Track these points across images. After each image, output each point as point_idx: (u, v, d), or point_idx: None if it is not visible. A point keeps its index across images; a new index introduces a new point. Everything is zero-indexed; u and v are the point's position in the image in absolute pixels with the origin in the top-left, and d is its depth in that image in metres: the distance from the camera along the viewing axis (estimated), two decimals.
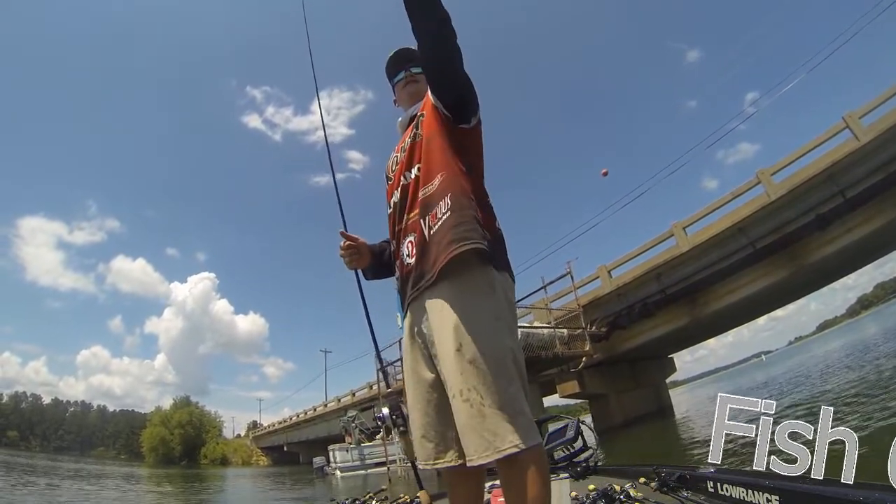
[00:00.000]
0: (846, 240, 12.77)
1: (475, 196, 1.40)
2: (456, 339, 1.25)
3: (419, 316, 1.40)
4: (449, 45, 1.35)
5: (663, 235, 15.72)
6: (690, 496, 2.17)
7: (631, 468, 3.07)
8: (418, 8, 1.32)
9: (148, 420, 70.89)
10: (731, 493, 1.94)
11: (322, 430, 35.18)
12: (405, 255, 1.44)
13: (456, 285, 1.30)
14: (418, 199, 1.41)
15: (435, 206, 1.35)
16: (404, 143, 1.57)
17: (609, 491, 2.34)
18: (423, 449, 1.41)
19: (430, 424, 1.39)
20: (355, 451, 24.65)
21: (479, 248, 1.29)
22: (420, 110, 1.55)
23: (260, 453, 59.95)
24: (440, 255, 1.30)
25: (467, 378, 1.21)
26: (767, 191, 13.60)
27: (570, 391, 17.40)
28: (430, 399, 1.39)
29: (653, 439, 14.07)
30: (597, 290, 17.33)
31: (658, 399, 20.53)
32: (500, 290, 1.34)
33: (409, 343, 1.46)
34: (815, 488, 1.50)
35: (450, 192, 1.35)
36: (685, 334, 18.01)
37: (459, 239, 1.28)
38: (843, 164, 12.53)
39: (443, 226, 1.32)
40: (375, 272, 1.73)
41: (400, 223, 1.48)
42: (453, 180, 1.37)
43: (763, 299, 16.23)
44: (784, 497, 1.65)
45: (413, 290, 1.40)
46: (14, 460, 33.81)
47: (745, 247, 14.11)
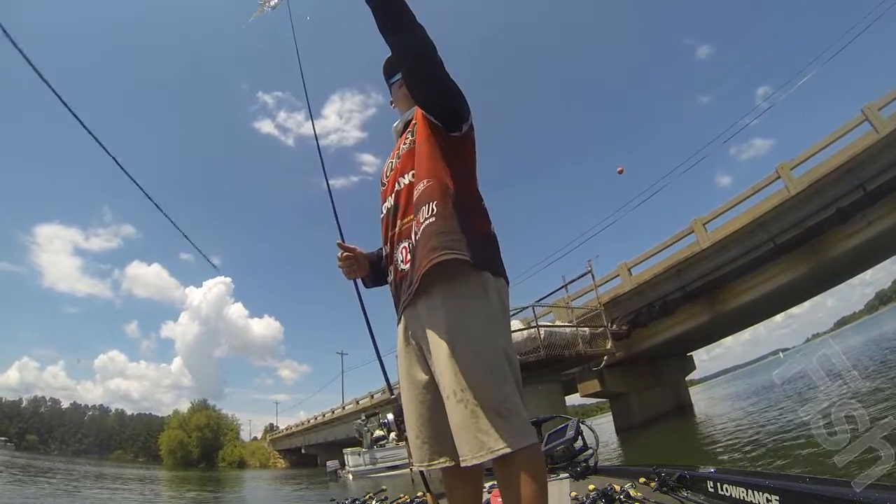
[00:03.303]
0: (867, 233, 12.63)
1: (464, 200, 1.40)
2: (450, 341, 1.26)
3: (413, 319, 1.42)
4: (426, 59, 1.33)
5: (683, 232, 15.63)
6: (690, 496, 2.18)
7: (631, 468, 3.08)
8: (389, 22, 1.30)
9: (166, 423, 71.81)
10: (730, 493, 1.95)
11: (340, 432, 35.34)
12: (399, 261, 1.45)
13: (449, 289, 1.32)
14: (412, 205, 1.42)
15: (419, 211, 1.37)
16: (399, 148, 1.57)
17: (609, 491, 2.36)
18: (419, 451, 1.43)
19: (424, 426, 1.41)
20: (367, 454, 24.76)
21: (460, 258, 1.29)
22: (414, 116, 1.56)
23: (277, 456, 60.32)
24: (423, 260, 1.32)
25: (461, 379, 1.22)
26: (787, 185, 13.51)
27: (591, 390, 17.39)
28: (424, 400, 1.41)
29: (673, 439, 14.01)
30: (617, 288, 17.28)
31: (678, 397, 20.40)
32: (492, 292, 1.35)
33: (404, 346, 1.47)
34: (814, 488, 1.53)
35: (435, 199, 1.35)
36: (705, 332, 17.88)
37: (442, 247, 1.29)
38: (862, 156, 12.43)
39: (426, 231, 1.33)
40: (374, 279, 1.72)
41: (393, 228, 1.48)
42: (439, 186, 1.37)
43: (783, 295, 16.12)
44: (784, 497, 1.64)
45: (406, 296, 1.41)
46: (36, 464, 34.30)
47: (766, 242, 14.02)
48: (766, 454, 7.18)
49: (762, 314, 21.24)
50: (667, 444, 13.22)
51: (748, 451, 7.91)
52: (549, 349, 13.11)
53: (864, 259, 15.43)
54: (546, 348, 12.99)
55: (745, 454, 7.77)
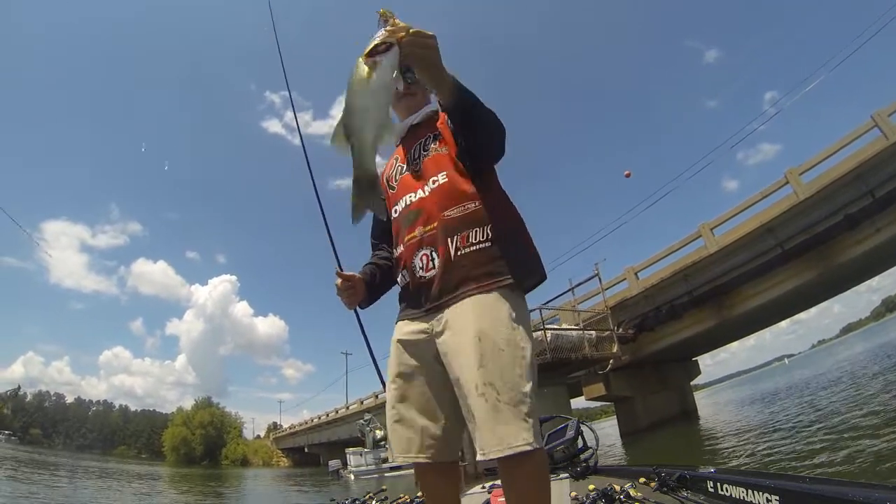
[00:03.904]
0: (876, 240, 12.57)
1: (517, 223, 1.46)
2: (477, 336, 1.27)
3: (431, 318, 1.40)
4: (501, 137, 1.40)
5: (691, 236, 15.64)
6: (690, 496, 2.18)
7: (631, 468, 3.07)
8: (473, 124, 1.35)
9: (170, 420, 72.14)
10: (730, 493, 1.94)
11: (344, 432, 35.48)
12: (418, 268, 1.42)
13: (482, 298, 1.33)
14: (439, 215, 1.39)
15: (467, 230, 1.36)
16: (412, 152, 1.53)
17: (609, 491, 2.35)
18: (401, 442, 1.41)
19: (414, 419, 1.40)
20: (370, 454, 24.63)
21: (510, 283, 1.34)
22: (434, 127, 1.52)
23: (280, 454, 60.38)
24: (470, 283, 1.33)
25: (484, 374, 1.23)
26: (796, 190, 13.48)
27: (597, 393, 17.38)
28: (424, 392, 1.41)
29: (678, 443, 13.99)
30: (624, 292, 17.30)
31: (683, 402, 20.35)
32: (521, 298, 1.39)
33: (413, 339, 1.44)
34: (814, 488, 1.52)
35: (491, 223, 1.37)
36: (711, 337, 17.88)
37: (497, 273, 1.34)
38: (871, 163, 12.39)
39: (479, 254, 1.35)
40: (369, 300, 1.66)
41: (411, 232, 1.45)
42: (494, 209, 1.41)
43: (791, 301, 16.09)
44: (784, 497, 1.63)
45: (429, 303, 1.40)
46: (41, 458, 34.54)
47: (774, 248, 14.00)
48: (774, 460, 7.15)
49: (770, 319, 21.19)
50: (671, 448, 13.17)
51: (754, 457, 7.88)
52: (556, 352, 13.12)
53: (872, 265, 15.38)
54: (552, 351, 13.00)
55: (750, 459, 7.74)
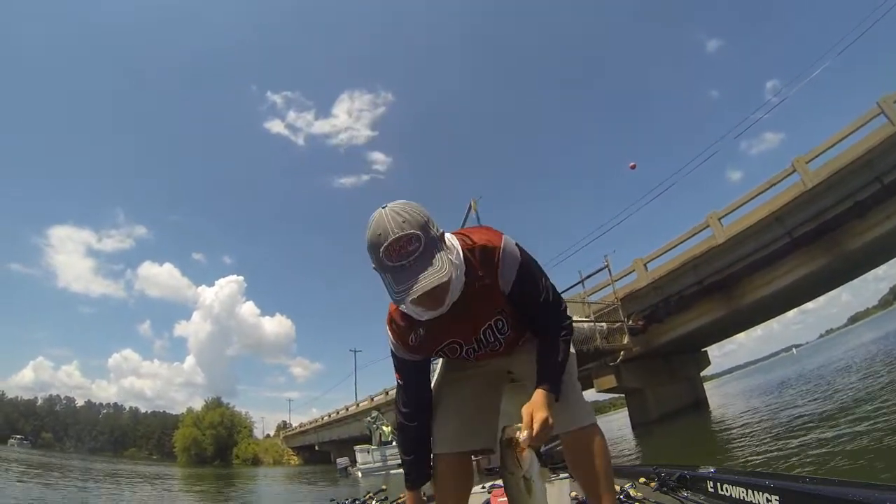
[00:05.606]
0: (885, 226, 12.58)
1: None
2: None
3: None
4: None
5: (699, 226, 15.65)
6: (690, 496, 2.18)
7: (631, 468, 3.06)
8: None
9: (180, 421, 72.39)
10: (730, 493, 1.94)
11: (354, 429, 35.59)
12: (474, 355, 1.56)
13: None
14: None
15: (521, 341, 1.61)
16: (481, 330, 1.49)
17: None
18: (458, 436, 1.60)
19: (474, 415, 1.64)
20: (377, 452, 24.84)
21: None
22: (494, 309, 1.45)
23: (291, 453, 60.83)
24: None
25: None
26: (804, 179, 13.51)
27: (608, 385, 17.52)
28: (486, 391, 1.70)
29: (691, 434, 14.04)
30: (633, 284, 17.37)
31: (694, 393, 20.41)
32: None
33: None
34: (814, 488, 1.54)
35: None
36: (721, 327, 17.94)
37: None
38: (879, 149, 12.40)
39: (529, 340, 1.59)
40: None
41: (477, 352, 1.56)
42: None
43: (800, 290, 16.10)
44: (784, 497, 1.64)
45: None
46: (60, 462, 34.88)
47: (783, 236, 14.04)
48: (787, 453, 7.07)
49: (780, 308, 21.16)
50: (684, 439, 13.22)
51: (766, 448, 7.82)
52: None
53: (883, 252, 15.36)
54: None
55: (763, 451, 7.63)
